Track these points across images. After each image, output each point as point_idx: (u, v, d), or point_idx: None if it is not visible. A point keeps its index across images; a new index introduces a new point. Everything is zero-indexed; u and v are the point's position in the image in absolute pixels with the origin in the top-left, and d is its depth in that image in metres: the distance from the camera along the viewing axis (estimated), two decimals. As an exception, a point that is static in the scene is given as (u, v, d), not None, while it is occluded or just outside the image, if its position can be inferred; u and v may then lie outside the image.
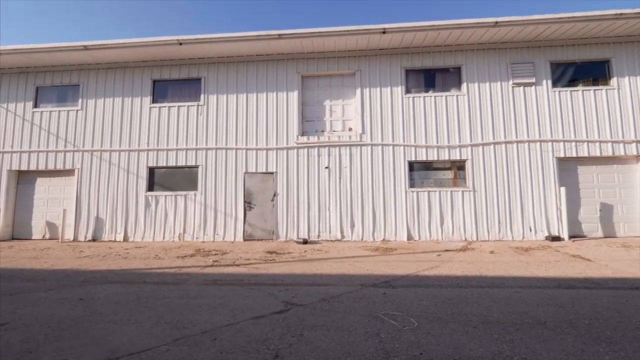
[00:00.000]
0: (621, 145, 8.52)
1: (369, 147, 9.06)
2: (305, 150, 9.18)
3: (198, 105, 9.67)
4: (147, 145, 9.64)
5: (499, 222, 8.48)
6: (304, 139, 9.22)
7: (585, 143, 8.59)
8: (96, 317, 3.37)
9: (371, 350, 2.56)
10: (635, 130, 8.53)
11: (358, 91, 9.31)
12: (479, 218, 8.53)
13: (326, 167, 9.06)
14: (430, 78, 9.42)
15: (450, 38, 8.75)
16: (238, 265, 5.92)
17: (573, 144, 8.61)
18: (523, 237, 8.36)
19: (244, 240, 8.98)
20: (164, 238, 9.20)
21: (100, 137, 9.81)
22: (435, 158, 8.90)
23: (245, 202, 9.15)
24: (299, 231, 8.89)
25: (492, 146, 8.77)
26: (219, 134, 9.50)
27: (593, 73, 9.04)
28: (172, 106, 9.74)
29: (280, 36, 8.56)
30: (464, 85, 9.10)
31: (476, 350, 2.55)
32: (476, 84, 9.06)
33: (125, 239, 9.30)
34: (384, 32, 8.40)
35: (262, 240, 8.97)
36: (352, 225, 8.81)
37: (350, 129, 9.42)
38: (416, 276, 4.96)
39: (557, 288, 4.27)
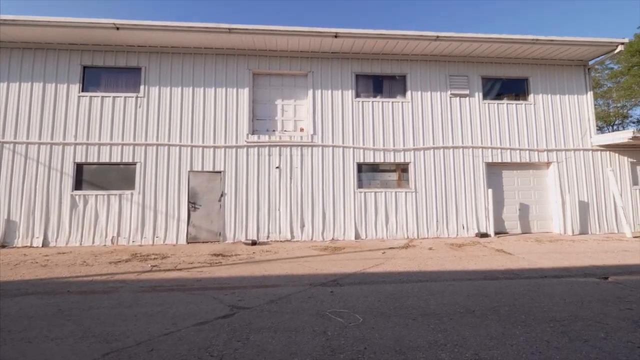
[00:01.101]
0: (536, 153, 9.82)
1: (320, 148, 9.18)
2: (256, 149, 8.98)
3: (137, 97, 8.89)
4: (75, 138, 8.58)
5: (437, 221, 9.20)
6: (255, 137, 9.01)
7: (509, 150, 9.74)
8: (4, 336, 2.90)
9: (318, 349, 2.59)
10: (547, 141, 9.89)
11: (310, 92, 9.39)
12: (419, 217, 9.16)
13: (277, 167, 8.96)
14: (379, 84, 9.86)
15: (397, 47, 9.27)
16: (180, 269, 5.57)
17: (499, 150, 9.69)
18: (457, 234, 9.18)
19: (188, 242, 8.48)
20: (93, 242, 8.28)
21: (13, 127, 8.48)
22: (382, 160, 9.34)
23: (189, 202, 8.64)
24: (247, 232, 8.66)
25: (432, 151, 9.48)
26: (161, 129, 8.84)
27: (515, 89, 10.28)
28: (107, 96, 8.81)
29: (230, 30, 8.26)
30: (408, 93, 9.70)
31: (415, 341, 2.73)
32: (419, 92, 9.72)
33: (45, 244, 8.16)
34: (335, 36, 8.59)
35: (207, 242, 8.55)
36: (302, 225, 8.84)
37: (301, 130, 9.45)
38: (362, 274, 5.15)
39: (484, 279, 4.76)
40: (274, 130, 9.37)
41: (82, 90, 8.83)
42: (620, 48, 9.51)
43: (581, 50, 9.59)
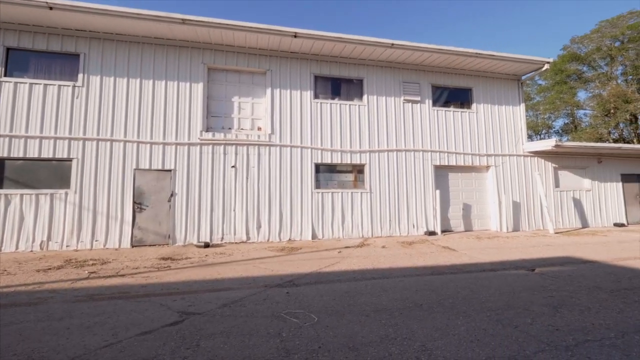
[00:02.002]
0: (477, 157, 10.72)
1: (278, 148, 9.09)
2: (210, 147, 8.62)
3: (75, 86, 8.03)
4: (-6, 129, 7.50)
5: (390, 220, 9.62)
6: (209, 135, 8.64)
7: (454, 154, 10.51)
8: None
9: (272, 351, 2.56)
10: (486, 146, 10.86)
11: (268, 91, 9.25)
12: (374, 217, 9.50)
13: (233, 166, 8.69)
14: (337, 86, 10.05)
15: (354, 52, 9.52)
16: (123, 275, 5.14)
17: (446, 154, 10.42)
18: (408, 233, 9.68)
19: (133, 246, 7.86)
20: (17, 248, 7.30)
21: None
22: (339, 161, 9.52)
23: (135, 202, 8.02)
24: (200, 234, 8.27)
25: (386, 153, 9.89)
26: (102, 123, 8.08)
27: (461, 98, 11.14)
28: (36, 83, 7.84)
29: (184, 21, 7.84)
30: (365, 97, 10.01)
31: (367, 337, 2.82)
32: (375, 97, 10.08)
33: (-46, 251, 7.02)
34: (295, 36, 8.57)
35: (155, 245, 8.00)
36: (259, 226, 8.68)
37: (259, 129, 9.27)
38: (318, 273, 5.19)
39: (431, 275, 5.07)
40: (230, 128, 9.07)
41: (5, 75, 7.75)
42: (546, 66, 10.78)
43: (515, 66, 10.70)
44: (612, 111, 35.16)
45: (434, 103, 10.68)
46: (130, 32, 8.28)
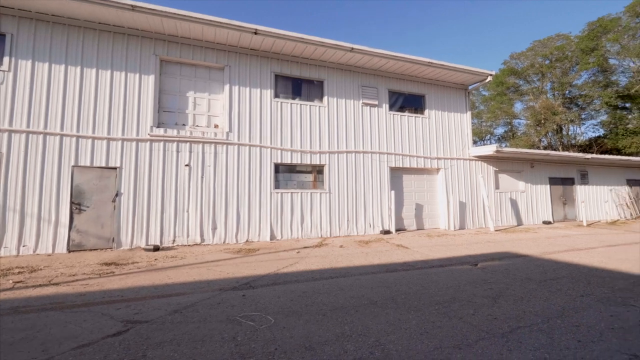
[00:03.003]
0: (429, 160, 11.39)
1: (236, 147, 8.83)
2: (162, 144, 8.11)
3: (-2, 70, 7.07)
4: None
5: (348, 220, 9.84)
6: (161, 131, 8.12)
7: (408, 157, 11.06)
8: None
9: (226, 356, 2.47)
10: (437, 150, 11.58)
11: (226, 87, 8.95)
12: (332, 216, 9.64)
13: (186, 165, 8.26)
14: (298, 87, 10.03)
15: (315, 53, 9.58)
16: (57, 284, 4.63)
17: (400, 157, 10.92)
18: (365, 232, 9.97)
19: (70, 251, 7.11)
20: None
21: None
22: (299, 162, 9.52)
23: (72, 203, 7.27)
24: (149, 237, 7.73)
25: (345, 154, 10.10)
26: (34, 113, 7.21)
27: (415, 104, 11.75)
28: (-52, 64, 6.75)
29: (133, 8, 7.28)
30: (325, 98, 10.12)
31: (324, 336, 2.85)
32: (335, 99, 10.24)
33: None
34: (255, 33, 8.40)
35: (97, 250, 7.33)
36: (214, 228, 8.35)
37: (216, 126, 8.93)
38: (276, 274, 5.14)
39: (386, 272, 5.28)
40: (184, 125, 8.62)
41: None
42: (489, 78, 11.79)
43: (463, 76, 11.56)
44: (542, 121, 39.52)
45: (391, 107, 11.14)
46: (68, 14, 7.49)
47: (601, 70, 37.49)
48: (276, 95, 9.57)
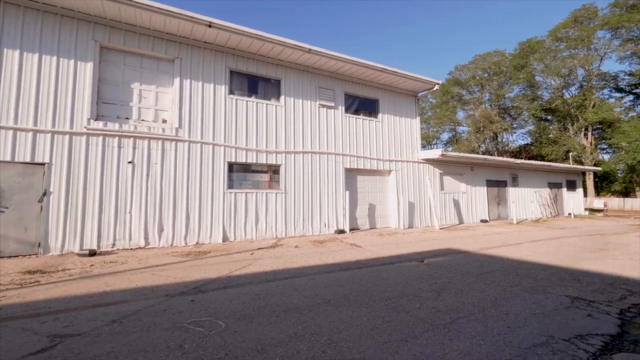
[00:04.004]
0: (381, 162, 11.88)
1: (187, 144, 8.36)
2: (101, 138, 7.38)
3: None
4: None
5: (303, 220, 9.87)
6: (99, 124, 7.39)
7: (362, 158, 11.42)
8: None
9: (171, 366, 2.33)
10: (389, 152, 12.13)
11: (177, 81, 8.44)
12: (288, 217, 9.59)
13: (130, 162, 7.62)
14: (254, 84, 9.81)
15: (273, 51, 9.46)
16: (-35, 297, 3.97)
17: (355, 158, 11.24)
18: (320, 232, 10.08)
19: (-17, 258, 6.15)
20: None
21: None
22: (254, 161, 9.31)
23: (-12, 202, 6.30)
24: (83, 241, 6.99)
25: (301, 155, 10.11)
26: None
27: (369, 107, 12.17)
28: None
29: (67, -14, 6.54)
30: (282, 97, 10.04)
31: (277, 337, 2.82)
32: (292, 99, 10.21)
33: None
34: (209, 26, 8.04)
35: (18, 256, 6.44)
36: (161, 230, 7.81)
37: (164, 121, 8.37)
38: (228, 277, 4.96)
39: (339, 271, 5.38)
40: (127, 119, 7.95)
41: None
42: (437, 87, 12.66)
43: (414, 83, 12.26)
44: (481, 129, 43.40)
45: (347, 110, 11.41)
46: (-15, -14, 6.49)
47: (529, 86, 42.34)
48: (231, 92, 9.26)
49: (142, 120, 8.12)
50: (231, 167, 9.02)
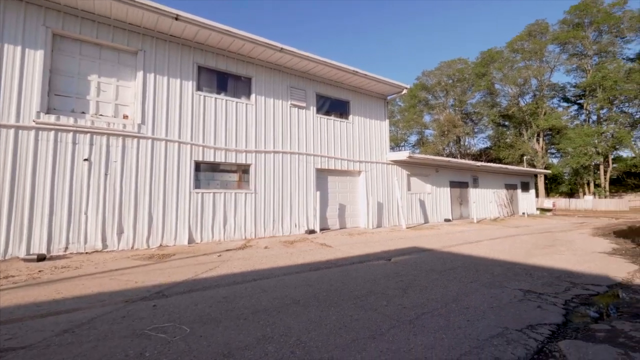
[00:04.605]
0: (352, 163, 12.07)
1: (150, 141, 7.95)
2: (52, 133, 6.81)
3: None
4: None
5: (274, 221, 9.76)
6: (51, 118, 6.82)
7: (333, 159, 11.53)
8: None
9: (130, 376, 2.20)
10: (359, 154, 12.35)
11: (140, 74, 8.00)
12: (258, 217, 9.44)
13: (85, 160, 7.10)
14: (224, 81, 9.56)
15: (243, 48, 9.27)
16: None
17: (326, 158, 11.32)
18: (290, 232, 10.03)
19: None
20: None
21: None
22: (223, 160, 9.07)
23: None
24: (31, 245, 6.41)
25: (272, 154, 10.00)
26: None
27: (340, 109, 12.31)
28: None
29: (14, -35, 5.97)
30: (253, 96, 9.87)
31: (244, 340, 2.76)
32: (263, 97, 10.07)
33: None
34: (176, 19, 7.71)
35: (-48, 262, 5.76)
36: (120, 232, 7.36)
37: (125, 117, 7.90)
38: (194, 280, 4.79)
39: (309, 271, 5.39)
40: (83, 113, 7.41)
41: None
42: (405, 91, 13.09)
43: (384, 87, 12.58)
44: (445, 132, 45.48)
45: (318, 110, 11.46)
46: None
47: (489, 93, 45.06)
48: (199, 88, 8.95)
49: (101, 115, 7.61)
50: (198, 166, 8.71)
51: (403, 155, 12.95)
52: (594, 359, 2.50)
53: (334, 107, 12.09)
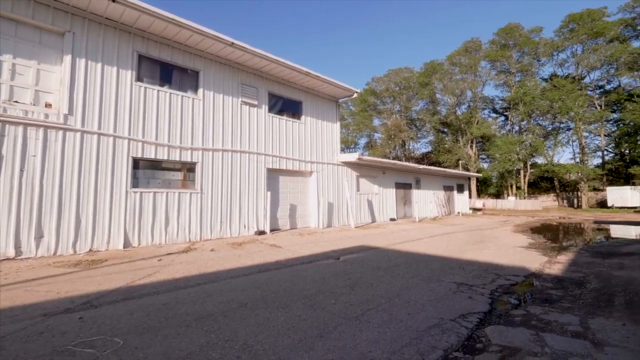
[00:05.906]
0: (303, 163, 12.12)
1: (79, 134, 7.11)
2: (-51, 120, 5.73)
3: None
4: None
5: (221, 222, 9.38)
6: (-52, 102, 5.73)
7: (285, 159, 11.46)
8: None
9: (47, 400, 1.94)
10: (311, 154, 12.45)
11: (68, 58, 7.11)
12: (204, 218, 8.99)
13: (-5, 152, 6.10)
14: (168, 73, 8.92)
15: (191, 40, 8.76)
16: None
17: (278, 158, 11.20)
18: (239, 234, 9.73)
19: None
20: None
21: None
22: (166, 157, 8.46)
23: None
24: None
25: (220, 153, 9.60)
26: None
27: (293, 109, 12.29)
28: None
29: None
30: (200, 91, 9.37)
31: (186, 349, 2.60)
32: (212, 93, 9.62)
33: None
34: (113, 1, 7.00)
35: None
36: (40, 237, 6.45)
37: (48, 105, 6.96)
38: (129, 287, 4.39)
39: (258, 273, 5.28)
40: (-7, 98, 6.35)
41: None
42: (355, 95, 13.54)
43: (335, 89, 12.85)
44: (392, 136, 47.99)
45: (270, 109, 11.29)
46: None
47: (431, 101, 48.62)
48: (139, 79, 8.24)
49: (16, 101, 6.60)
50: (137, 163, 8.02)
51: (353, 157, 13.36)
52: (513, 341, 2.83)
53: (287, 107, 12.02)
